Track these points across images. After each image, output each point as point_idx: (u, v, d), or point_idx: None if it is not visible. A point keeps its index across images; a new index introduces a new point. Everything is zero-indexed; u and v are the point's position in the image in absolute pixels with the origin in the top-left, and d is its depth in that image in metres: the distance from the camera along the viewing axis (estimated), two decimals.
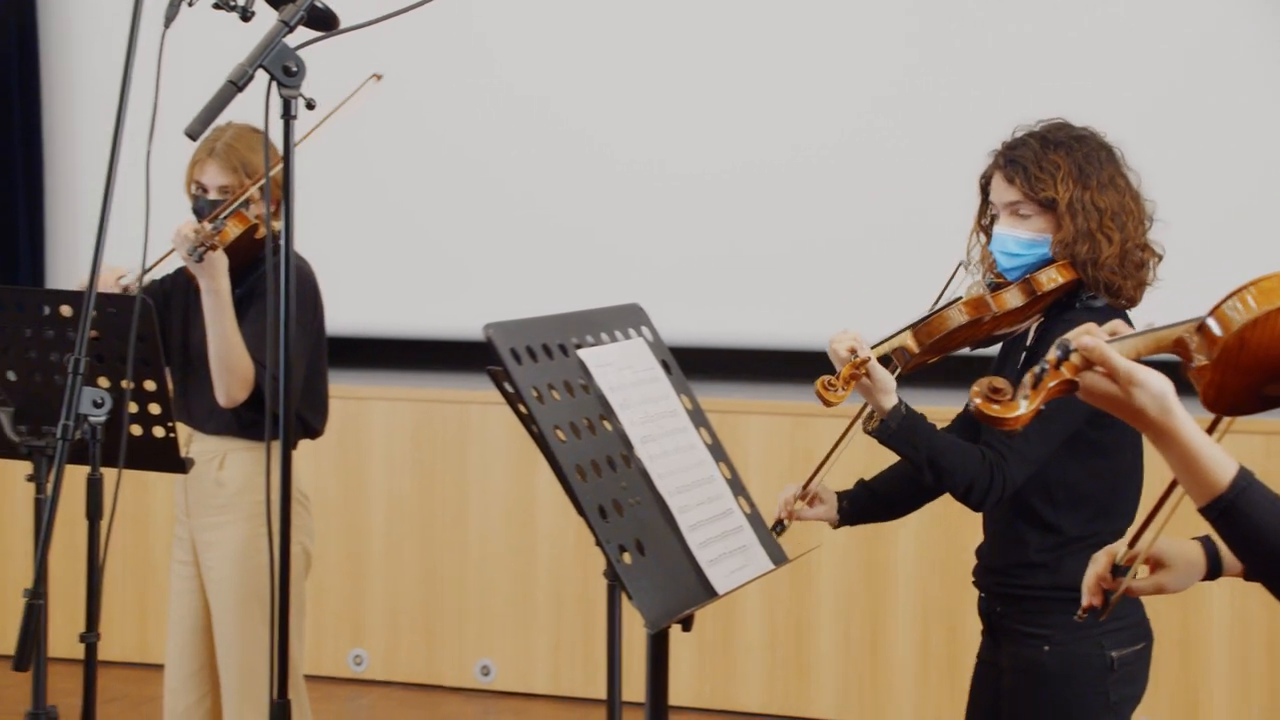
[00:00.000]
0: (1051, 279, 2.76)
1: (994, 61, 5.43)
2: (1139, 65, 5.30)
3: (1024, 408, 1.77)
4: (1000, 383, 1.79)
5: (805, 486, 2.92)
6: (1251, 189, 5.24)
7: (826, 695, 5.27)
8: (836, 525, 2.98)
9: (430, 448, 5.60)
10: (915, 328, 2.80)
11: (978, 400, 1.77)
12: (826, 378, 2.70)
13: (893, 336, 2.82)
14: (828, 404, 2.67)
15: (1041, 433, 2.65)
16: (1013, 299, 2.78)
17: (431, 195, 6.20)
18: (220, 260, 3.38)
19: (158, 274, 3.63)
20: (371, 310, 6.13)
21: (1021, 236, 2.77)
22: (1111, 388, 1.77)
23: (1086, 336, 1.79)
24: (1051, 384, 1.78)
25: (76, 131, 6.53)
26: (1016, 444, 2.66)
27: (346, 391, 5.54)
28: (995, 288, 2.81)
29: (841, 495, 2.96)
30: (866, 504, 2.97)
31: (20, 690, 5.52)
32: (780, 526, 2.87)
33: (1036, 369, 1.78)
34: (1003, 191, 2.79)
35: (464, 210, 6.18)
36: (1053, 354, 1.78)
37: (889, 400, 2.69)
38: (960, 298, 2.83)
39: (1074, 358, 1.78)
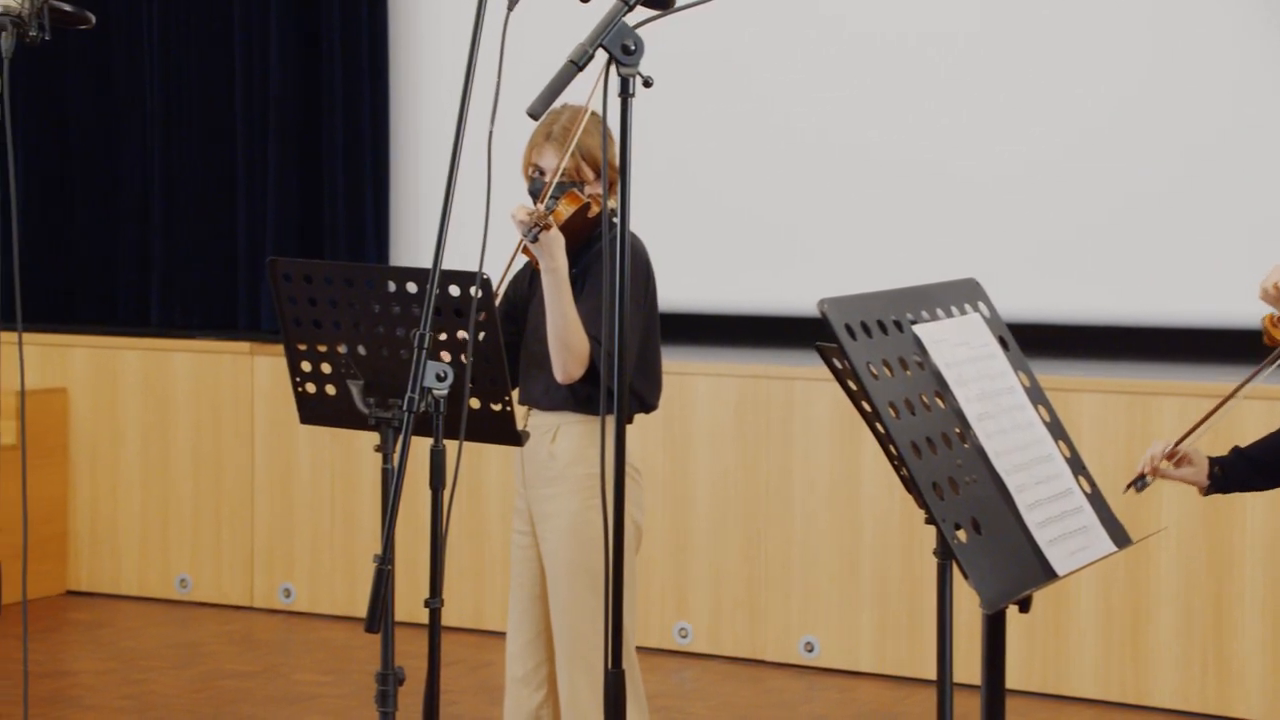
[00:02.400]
0: None
1: None
2: None
3: None
4: None
5: (1176, 445, 2.80)
6: None
7: (1166, 683, 5.07)
8: (1205, 491, 2.85)
9: (755, 423, 5.62)
10: None
11: None
12: (1274, 314, 2.63)
13: None
14: (1274, 341, 2.59)
15: None
16: None
17: (761, 171, 6.22)
18: (556, 239, 3.45)
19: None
20: (696, 286, 6.19)
21: None
22: None
23: None
24: None
25: (420, 114, 6.79)
26: None
27: (671, 367, 5.60)
28: None
29: (1214, 461, 2.83)
30: (1243, 471, 2.83)
31: (369, 652, 5.82)
32: (1141, 483, 2.77)
33: None
34: None
35: (794, 186, 6.19)
36: None
37: None
38: None
39: None
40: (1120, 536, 2.39)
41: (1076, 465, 2.39)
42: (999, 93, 5.88)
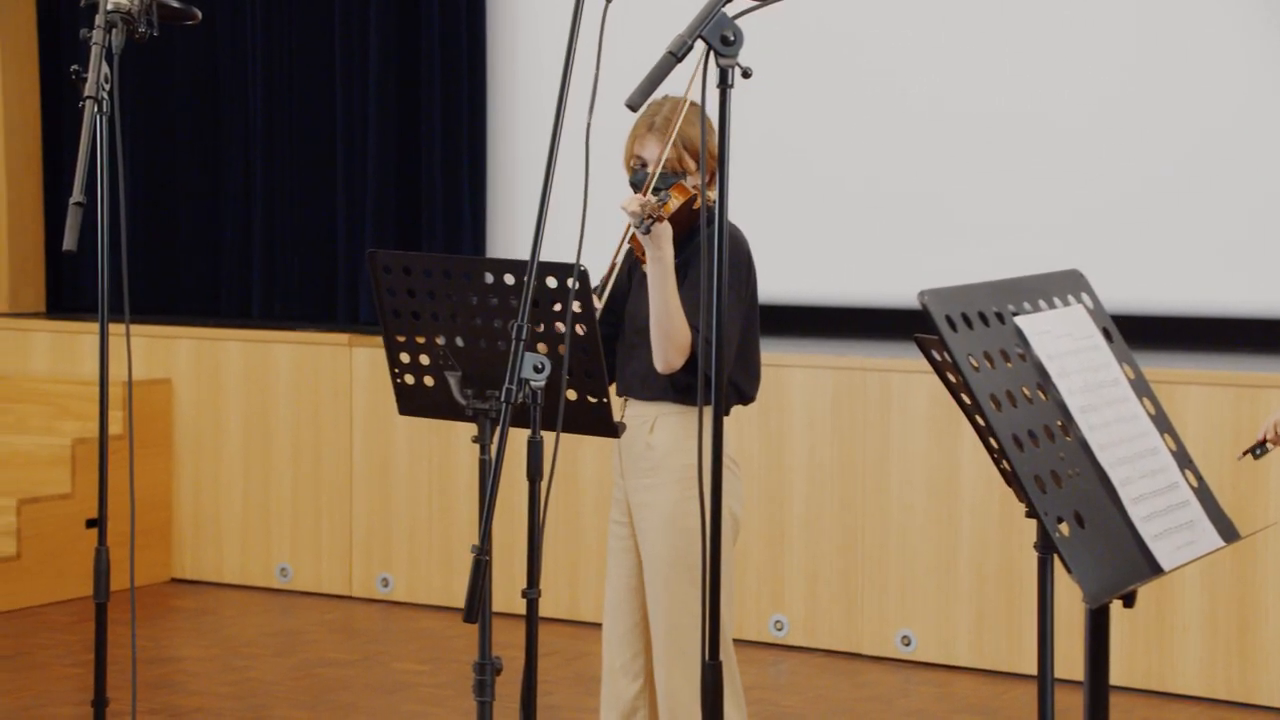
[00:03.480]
0: None
1: None
2: None
3: None
4: None
5: None
6: None
7: (1274, 681, 4.98)
8: None
9: (851, 415, 5.59)
10: None
11: None
12: None
13: None
14: None
15: None
16: None
17: (860, 162, 6.19)
18: (666, 231, 3.46)
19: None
20: (793, 278, 6.17)
21: None
22: None
23: None
24: None
25: (517, 106, 6.82)
26: None
27: (768, 359, 5.58)
28: None
29: None
30: None
31: (466, 641, 5.87)
32: (1260, 449, 2.72)
33: None
34: None
35: (892, 177, 6.14)
36: None
37: None
38: None
39: None
40: (1228, 531, 2.35)
41: (1183, 459, 2.35)
42: (1120, 89, 5.80)
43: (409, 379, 3.31)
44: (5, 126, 7.33)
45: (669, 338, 3.51)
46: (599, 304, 3.48)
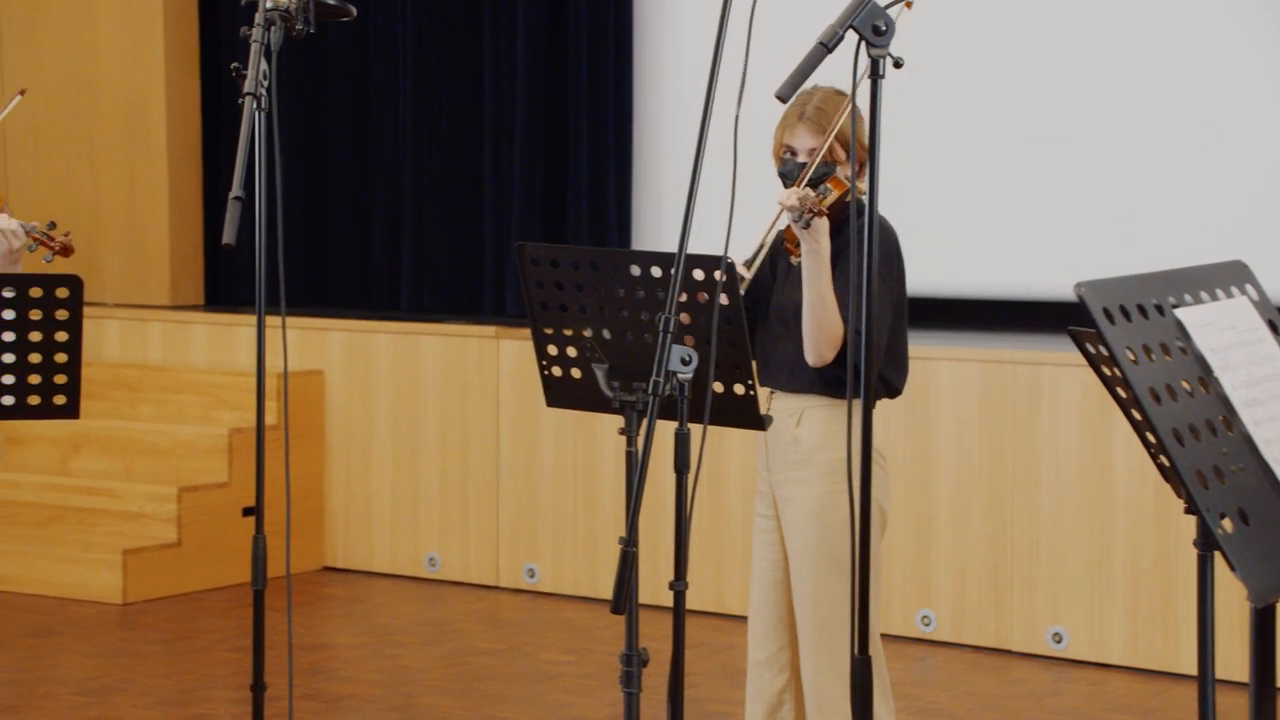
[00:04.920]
0: None
1: None
2: None
3: None
4: None
5: None
6: None
7: None
8: None
9: (1000, 409, 5.51)
10: None
11: None
12: None
13: None
14: None
15: None
16: None
17: (1010, 152, 6.10)
18: (824, 224, 3.44)
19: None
20: (940, 270, 6.09)
21: None
22: None
23: None
24: None
25: (664, 98, 6.83)
26: None
27: (915, 352, 5.52)
28: None
29: None
30: None
31: (611, 632, 5.89)
32: None
33: None
34: None
35: (1042, 167, 6.05)
36: None
37: None
38: None
39: None
40: None
41: None
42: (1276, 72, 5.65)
43: (556, 371, 3.33)
44: (168, 124, 7.53)
45: (822, 330, 3.49)
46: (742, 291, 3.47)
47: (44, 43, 7.71)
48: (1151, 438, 2.17)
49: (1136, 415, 2.20)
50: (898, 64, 2.29)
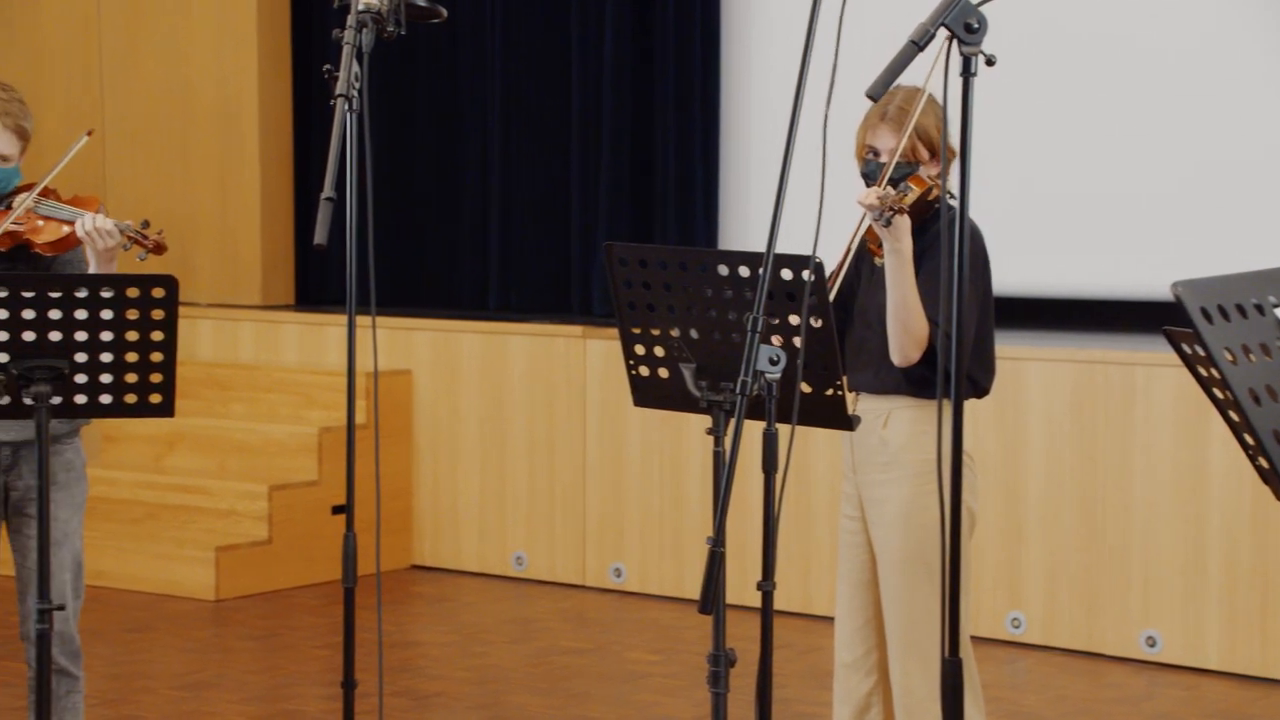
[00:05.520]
0: None
1: None
2: None
3: None
4: None
5: None
6: None
7: None
8: None
9: (1092, 410, 5.44)
10: None
11: None
12: None
13: None
14: None
15: None
16: None
17: (1099, 148, 6.03)
18: (905, 223, 3.41)
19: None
20: (1029, 269, 6.03)
21: None
22: None
23: None
24: None
25: (751, 97, 6.81)
26: None
27: (1004, 352, 5.48)
28: None
29: None
30: None
31: (697, 633, 5.89)
32: None
33: None
34: None
35: (1132, 164, 5.97)
36: None
37: None
38: None
39: None
40: None
41: None
42: None
43: (644, 371, 3.33)
44: (260, 126, 7.62)
45: (907, 331, 3.46)
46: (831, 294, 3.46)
47: (142, 47, 7.83)
48: (1250, 439, 2.13)
49: (1234, 416, 2.16)
50: (990, 61, 2.27)
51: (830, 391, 3.22)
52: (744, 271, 3.11)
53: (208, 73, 7.69)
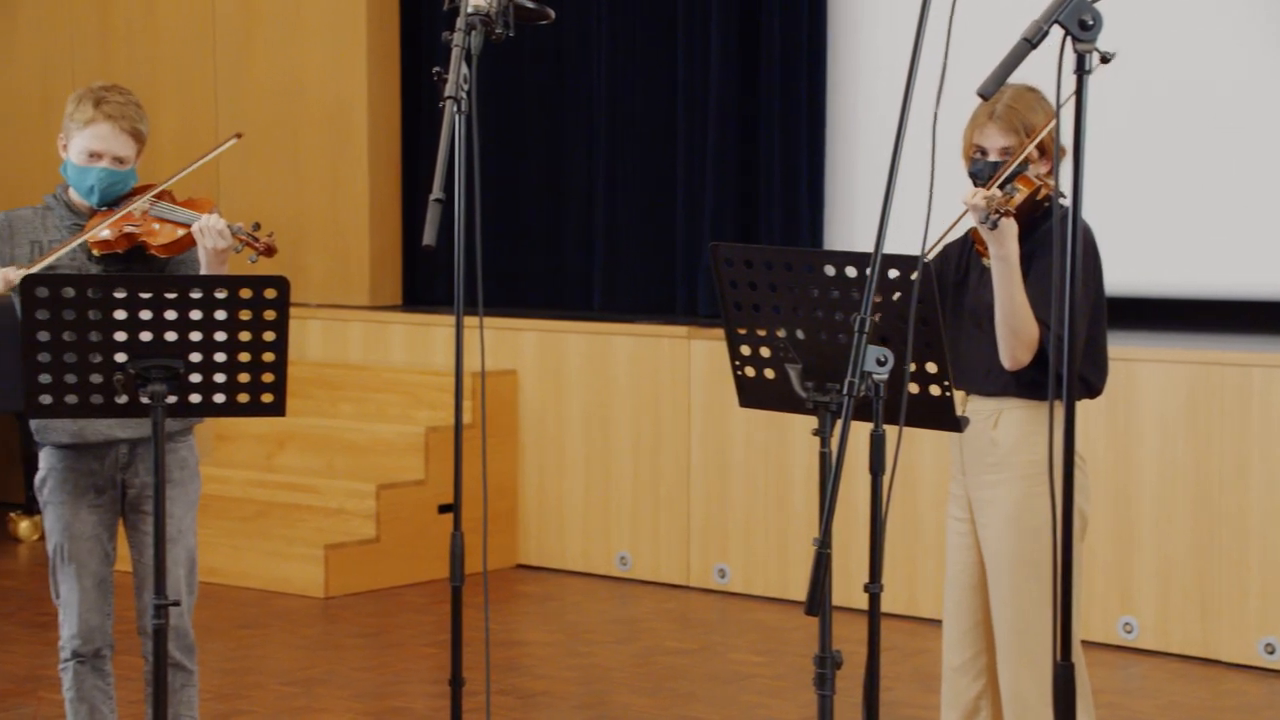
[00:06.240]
0: None
1: None
2: None
3: None
4: None
5: None
6: None
7: None
8: None
9: (1207, 412, 5.34)
10: None
11: None
12: None
13: None
14: None
15: None
16: None
17: (1215, 145, 5.92)
18: (1011, 226, 3.38)
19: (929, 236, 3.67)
20: (1144, 268, 5.94)
21: None
22: None
23: None
24: None
25: (857, 97, 6.76)
26: None
27: (1117, 353, 5.40)
28: None
29: None
30: None
31: (802, 634, 5.86)
32: None
33: None
34: None
35: (1250, 161, 5.85)
36: None
37: None
38: None
39: None
40: None
41: None
42: None
43: (750, 371, 3.32)
44: (369, 128, 7.70)
45: (1016, 335, 3.43)
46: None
47: (255, 51, 7.95)
48: None
49: None
50: (1105, 59, 2.24)
51: (938, 392, 3.19)
52: (851, 271, 3.09)
53: (318, 75, 7.79)
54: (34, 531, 7.26)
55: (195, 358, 3.23)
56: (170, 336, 3.21)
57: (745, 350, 3.30)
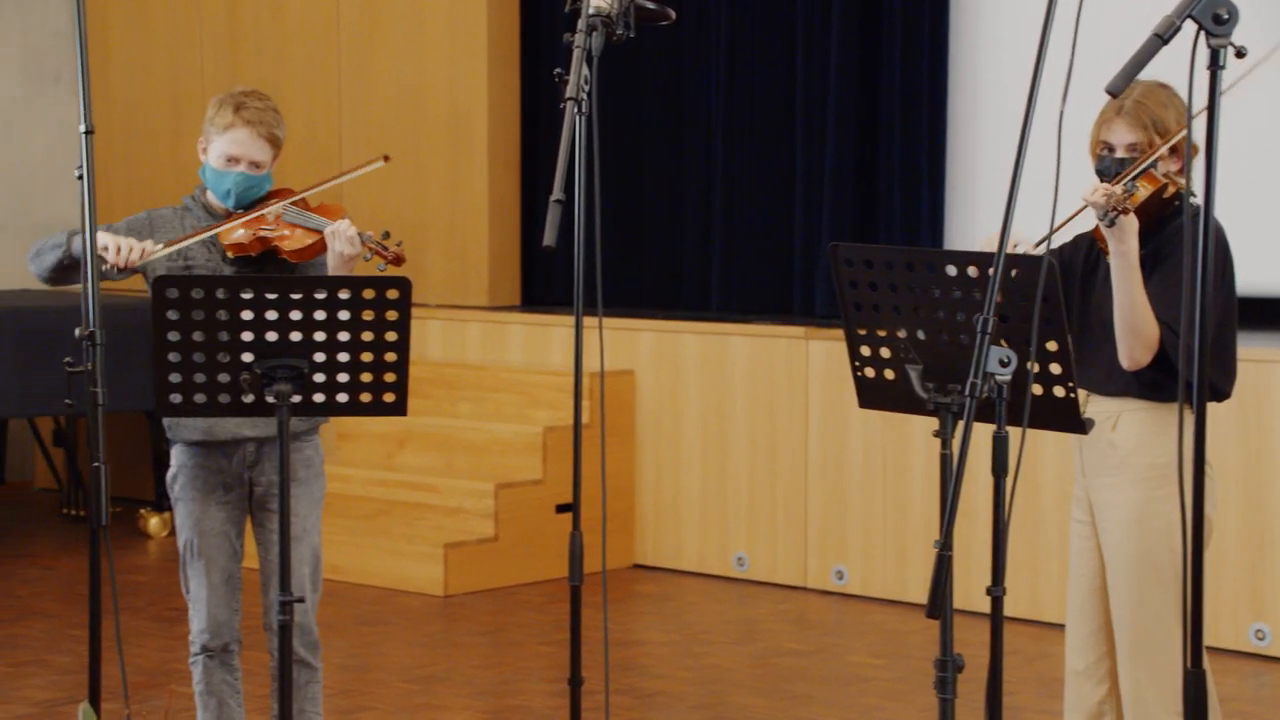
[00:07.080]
0: None
1: None
2: None
3: None
4: None
5: None
6: None
7: None
8: None
9: None
10: None
11: None
12: None
13: None
14: None
15: None
16: None
17: None
18: (1131, 224, 3.32)
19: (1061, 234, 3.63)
20: (1277, 270, 5.80)
21: None
22: None
23: None
24: None
25: (978, 95, 6.69)
26: None
27: (1247, 354, 5.28)
28: None
29: None
30: None
31: (921, 637, 5.81)
32: None
33: None
34: None
35: None
36: None
37: None
38: None
39: None
40: None
41: None
42: None
43: (869, 372, 3.30)
44: (489, 129, 7.77)
45: (1135, 334, 3.37)
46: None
47: (378, 54, 8.05)
48: None
49: None
50: (1240, 53, 2.19)
51: (1062, 393, 3.15)
52: (972, 272, 3.06)
53: (439, 78, 7.86)
54: (164, 528, 7.41)
55: (319, 358, 3.28)
56: (295, 337, 3.26)
57: (865, 351, 3.28)
